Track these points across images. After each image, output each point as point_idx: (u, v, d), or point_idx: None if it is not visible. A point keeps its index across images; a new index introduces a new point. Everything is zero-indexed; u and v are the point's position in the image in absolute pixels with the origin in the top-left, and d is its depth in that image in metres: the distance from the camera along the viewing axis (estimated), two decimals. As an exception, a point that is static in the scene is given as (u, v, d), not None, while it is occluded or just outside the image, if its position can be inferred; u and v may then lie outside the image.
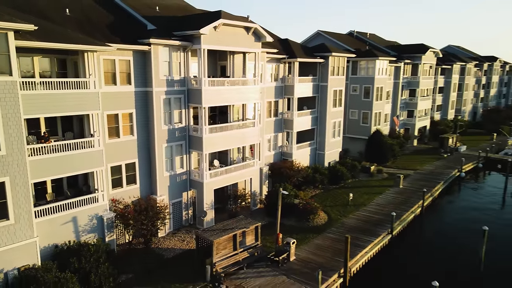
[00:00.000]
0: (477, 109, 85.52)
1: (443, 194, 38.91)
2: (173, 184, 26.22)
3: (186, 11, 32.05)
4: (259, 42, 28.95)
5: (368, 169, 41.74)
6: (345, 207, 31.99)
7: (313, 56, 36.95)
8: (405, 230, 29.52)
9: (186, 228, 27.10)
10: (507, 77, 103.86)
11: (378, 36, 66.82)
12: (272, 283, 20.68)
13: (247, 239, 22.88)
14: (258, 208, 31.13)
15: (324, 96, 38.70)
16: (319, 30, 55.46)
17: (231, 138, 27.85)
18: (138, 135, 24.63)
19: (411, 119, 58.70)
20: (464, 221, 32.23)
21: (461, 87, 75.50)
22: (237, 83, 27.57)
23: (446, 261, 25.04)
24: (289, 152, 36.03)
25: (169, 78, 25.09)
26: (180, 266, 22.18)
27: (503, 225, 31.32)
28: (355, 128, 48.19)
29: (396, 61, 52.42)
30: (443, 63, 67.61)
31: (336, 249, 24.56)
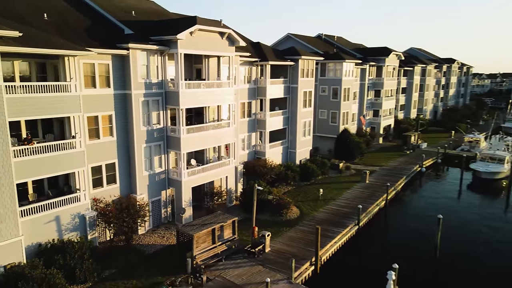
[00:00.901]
0: (438, 108, 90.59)
1: (406, 188, 41.82)
2: (152, 183, 27.20)
3: (161, 15, 32.99)
4: (233, 46, 30.37)
5: (337, 166, 44.08)
6: (316, 202, 33.98)
7: (284, 59, 38.78)
8: (370, 222, 31.83)
9: (165, 225, 28.14)
10: (465, 77, 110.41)
11: (345, 39, 69.80)
12: (249, 272, 22.21)
13: (225, 233, 24.28)
14: (234, 205, 32.56)
15: (294, 97, 40.63)
16: (289, 33, 57.51)
17: (208, 138, 29.14)
18: (117, 136, 25.46)
19: (376, 118, 61.89)
20: (423, 211, 34.99)
21: (423, 87, 79.98)
22: (212, 85, 28.88)
23: (407, 248, 27.47)
24: (262, 151, 37.68)
25: (147, 81, 26.07)
26: (161, 261, 23.27)
27: (458, 215, 34.32)
28: (324, 127, 50.54)
29: (362, 63, 55.26)
30: (405, 65, 71.47)
31: (308, 240, 26.38)
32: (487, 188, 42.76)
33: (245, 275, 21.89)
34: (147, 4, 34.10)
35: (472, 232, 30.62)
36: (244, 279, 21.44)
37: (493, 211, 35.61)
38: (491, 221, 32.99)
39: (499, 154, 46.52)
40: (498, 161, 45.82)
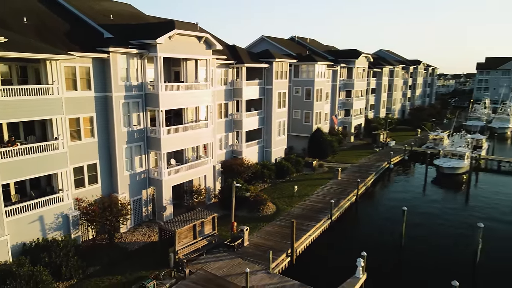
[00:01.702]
0: (405, 107, 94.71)
1: (375, 183, 44.22)
2: (133, 182, 27.97)
3: (138, 18, 33.68)
4: (210, 50, 31.52)
5: (311, 164, 45.97)
6: (291, 198, 35.63)
7: (259, 62, 40.25)
8: (342, 215, 33.76)
9: (146, 223, 28.96)
10: (430, 78, 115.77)
11: (317, 41, 72.12)
12: (229, 264, 23.48)
13: (205, 229, 25.45)
14: (212, 202, 33.71)
15: (269, 98, 42.17)
16: (263, 36, 59.09)
17: (187, 138, 30.16)
18: (98, 137, 26.09)
19: (348, 118, 64.48)
20: (391, 205, 37.30)
21: (391, 88, 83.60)
22: (191, 87, 29.92)
23: (375, 238, 29.51)
24: (239, 150, 38.99)
25: (127, 84, 26.84)
26: (144, 257, 24.16)
27: (422, 207, 36.83)
28: (298, 126, 52.39)
29: (333, 65, 57.58)
30: (374, 66, 74.65)
31: (284, 234, 27.91)
32: (449, 182, 45.77)
33: (225, 267, 23.16)
34: (124, 7, 34.65)
35: (434, 222, 33.07)
36: (225, 271, 22.71)
37: (454, 203, 38.39)
38: (452, 212, 35.64)
39: (460, 150, 49.78)
40: (459, 157, 49.04)
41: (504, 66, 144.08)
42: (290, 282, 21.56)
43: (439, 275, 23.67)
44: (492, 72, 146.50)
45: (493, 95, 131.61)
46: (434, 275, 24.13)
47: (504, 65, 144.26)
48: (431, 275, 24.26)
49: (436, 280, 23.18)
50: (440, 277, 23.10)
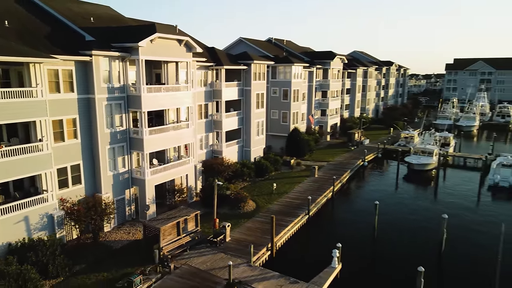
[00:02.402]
0: (379, 107, 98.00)
1: (350, 180, 46.19)
2: (116, 182, 28.56)
3: (118, 21, 34.18)
4: (190, 53, 32.42)
5: (289, 162, 47.49)
6: (270, 196, 36.96)
7: (238, 64, 41.38)
8: (319, 211, 35.36)
9: (130, 222, 29.59)
10: (402, 79, 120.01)
11: (293, 42, 73.91)
12: (212, 259, 24.53)
13: (188, 226, 26.39)
14: (194, 201, 34.61)
15: (248, 99, 43.38)
16: (241, 37, 60.22)
17: (169, 139, 30.97)
18: (82, 139, 26.58)
19: (324, 117, 66.51)
20: (365, 200, 39.24)
21: (365, 88, 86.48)
22: (172, 89, 30.75)
23: (350, 231, 31.20)
24: (219, 150, 40.00)
25: (110, 86, 27.42)
26: (129, 255, 24.86)
27: (394, 201, 38.94)
28: (276, 126, 53.84)
29: (309, 66, 59.36)
30: (349, 67, 77.16)
31: (264, 229, 29.18)
32: (419, 178, 48.28)
33: (209, 261, 24.20)
34: (104, 10, 35.04)
35: (405, 215, 35.12)
36: (208, 265, 23.75)
37: (423, 197, 40.71)
38: (421, 205, 37.86)
39: (429, 148, 52.49)
40: (428, 154, 51.74)
41: (471, 67, 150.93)
42: (271, 273, 22.83)
43: (408, 263, 25.44)
44: (460, 72, 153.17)
45: (461, 95, 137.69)
46: (403, 263, 25.93)
47: (470, 66, 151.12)
48: (400, 263, 26.07)
49: (405, 268, 24.95)
50: (409, 265, 24.86)
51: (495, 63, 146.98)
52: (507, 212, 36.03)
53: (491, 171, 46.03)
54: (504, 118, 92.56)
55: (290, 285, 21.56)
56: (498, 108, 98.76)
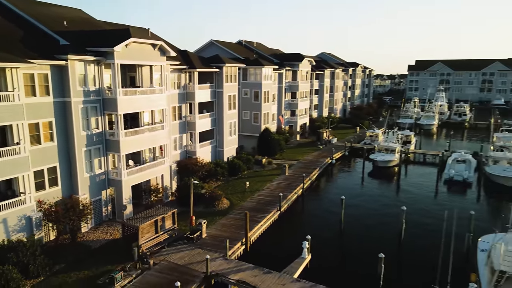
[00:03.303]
0: (346, 107, 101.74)
1: (319, 177, 48.48)
2: (93, 183, 29.15)
3: (91, 24, 34.61)
4: (164, 56, 33.37)
5: (260, 161, 49.19)
6: (243, 194, 38.49)
7: (210, 66, 42.61)
8: (290, 207, 37.24)
9: (106, 222, 30.23)
10: (367, 79, 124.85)
11: (263, 45, 75.79)
12: (190, 254, 25.77)
13: (166, 223, 27.47)
14: (170, 200, 35.58)
15: (220, 100, 44.69)
16: (212, 40, 61.37)
17: (144, 140, 31.82)
18: (58, 141, 27.03)
19: (293, 117, 68.76)
20: (333, 196, 41.52)
21: (332, 89, 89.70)
22: (147, 92, 31.62)
23: (319, 224, 33.26)
24: (193, 150, 41.09)
25: (85, 89, 28.00)
26: (108, 253, 25.65)
27: (360, 196, 41.48)
28: (248, 127, 55.42)
29: (279, 68, 61.35)
30: (317, 69, 79.92)
31: (238, 225, 30.66)
32: (383, 174, 51.31)
33: (186, 257, 25.42)
34: (76, 13, 35.31)
35: (369, 208, 37.65)
36: (186, 260, 24.97)
37: (386, 192, 43.56)
38: (384, 199, 40.60)
39: (392, 145, 55.71)
40: (391, 151, 54.94)
41: (431, 68, 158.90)
42: (246, 265, 24.35)
43: (371, 252, 27.60)
44: (421, 73, 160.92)
45: (422, 95, 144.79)
46: (367, 252, 28.11)
47: (431, 67, 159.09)
48: (364, 252, 28.27)
49: (368, 256, 27.10)
50: (372, 253, 27.03)
51: (453, 65, 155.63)
52: (459, 203, 39.32)
53: (447, 166, 49.72)
54: (460, 116, 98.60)
55: (263, 275, 23.17)
56: (455, 107, 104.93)
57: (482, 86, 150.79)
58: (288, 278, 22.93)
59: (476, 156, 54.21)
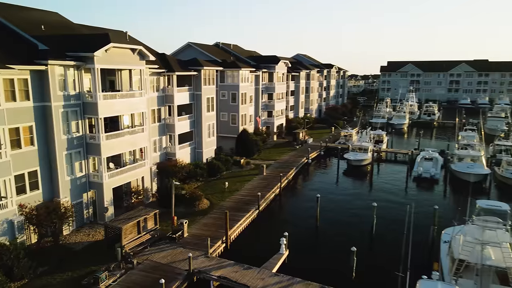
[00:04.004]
0: (321, 107, 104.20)
1: (296, 177, 50.09)
2: (74, 186, 29.51)
3: (69, 28, 34.81)
4: (144, 60, 34.00)
5: (239, 162, 50.33)
6: (223, 194, 39.54)
7: (188, 70, 43.40)
8: (268, 206, 38.59)
9: (88, 225, 30.62)
10: (342, 80, 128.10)
11: (240, 47, 76.92)
12: (172, 253, 26.64)
13: (148, 224, 28.21)
14: (151, 201, 36.20)
15: (199, 103, 45.54)
16: (189, 42, 62.00)
17: (125, 143, 32.37)
18: (38, 145, 27.29)
19: (270, 118, 70.25)
20: (309, 194, 43.14)
21: (308, 90, 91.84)
22: (127, 96, 32.19)
23: (296, 221, 34.74)
24: (172, 152, 41.78)
25: (66, 93, 28.36)
26: (91, 255, 26.17)
27: (335, 194, 43.31)
28: (226, 128, 56.46)
29: (255, 70, 62.66)
30: (293, 70, 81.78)
31: (219, 224, 31.71)
32: (357, 173, 53.48)
33: (169, 256, 26.28)
34: (53, 17, 35.38)
35: (343, 205, 39.47)
36: (169, 259, 25.84)
37: (360, 189, 45.62)
38: (357, 196, 42.58)
39: (365, 145, 58.05)
40: (364, 150, 57.26)
41: (402, 69, 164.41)
42: (227, 262, 25.47)
43: (345, 246, 29.25)
44: (393, 74, 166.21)
45: (394, 95, 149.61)
46: (340, 246, 29.71)
47: (402, 68, 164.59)
48: (338, 246, 29.87)
49: (342, 249, 28.72)
50: (345, 247, 28.69)
51: (423, 66, 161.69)
52: (427, 198, 41.74)
53: (416, 164, 52.41)
54: (429, 116, 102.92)
55: (244, 270, 24.36)
56: (424, 107, 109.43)
57: (450, 86, 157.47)
58: (267, 272, 24.22)
59: (443, 154, 57.24)
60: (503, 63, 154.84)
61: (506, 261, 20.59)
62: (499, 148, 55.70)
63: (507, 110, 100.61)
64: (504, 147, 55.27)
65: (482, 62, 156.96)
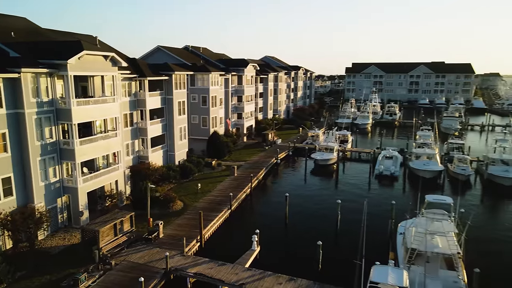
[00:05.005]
0: (289, 108, 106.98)
1: (266, 176, 52.06)
2: (48, 192, 29.90)
3: (38, 33, 35.02)
4: (116, 67, 34.71)
5: (210, 163, 51.66)
6: (196, 195, 40.81)
7: (160, 74, 44.28)
8: (240, 205, 40.24)
9: (63, 229, 31.07)
10: (309, 81, 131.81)
11: (209, 50, 78.06)
12: (149, 254, 27.76)
13: (124, 226, 29.14)
14: (125, 204, 36.93)
15: (170, 106, 46.50)
16: (159, 46, 62.50)
17: (98, 148, 33.01)
18: (12, 152, 27.56)
19: (240, 120, 71.92)
20: (278, 193, 45.15)
21: (276, 91, 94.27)
22: (100, 101, 32.83)
23: (266, 219, 36.62)
24: (145, 155, 42.55)
25: (39, 100, 28.74)
26: (69, 258, 26.82)
27: (303, 192, 45.60)
28: (197, 130, 57.58)
29: (225, 73, 64.10)
30: (261, 73, 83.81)
31: (193, 224, 33.03)
32: (324, 171, 56.18)
33: (146, 256, 27.39)
34: (22, 22, 35.40)
35: (311, 202, 41.82)
36: (146, 259, 26.96)
37: (326, 187, 48.22)
38: (324, 194, 45.09)
39: (330, 145, 60.94)
40: (330, 150, 60.12)
41: (366, 71, 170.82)
42: (202, 260, 26.93)
43: (311, 240, 31.43)
44: (358, 75, 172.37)
45: (358, 95, 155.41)
46: (308, 240, 31.84)
47: (366, 69, 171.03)
48: (305, 241, 31.99)
49: (309, 244, 30.82)
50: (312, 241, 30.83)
51: (385, 68, 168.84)
52: (387, 194, 44.87)
53: (378, 162, 55.80)
54: (391, 116, 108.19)
55: (218, 267, 25.92)
56: (387, 107, 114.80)
57: (410, 87, 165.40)
58: (240, 268, 25.90)
59: (402, 152, 61.10)
60: (458, 65, 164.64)
61: (451, 248, 23.37)
62: (452, 146, 60.23)
63: (461, 110, 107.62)
64: (456, 145, 59.86)
65: (439, 64, 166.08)
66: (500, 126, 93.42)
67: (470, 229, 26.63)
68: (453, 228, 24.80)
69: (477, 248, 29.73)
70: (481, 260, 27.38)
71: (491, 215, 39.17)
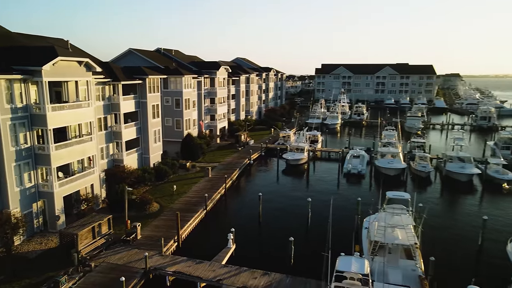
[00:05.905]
0: (261, 109, 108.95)
1: (239, 177, 53.51)
2: (23, 197, 30.06)
3: (9, 38, 34.84)
4: (90, 72, 35.12)
5: (185, 165, 52.54)
6: (171, 196, 41.70)
7: (133, 78, 44.77)
8: (215, 206, 41.51)
9: (39, 234, 31.27)
10: (280, 82, 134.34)
11: (181, 52, 78.61)
12: (128, 255, 28.59)
13: (102, 229, 29.79)
14: (101, 207, 37.34)
15: (144, 110, 47.06)
16: (130, 48, 62.59)
17: (74, 152, 33.36)
18: (-13, 158, 27.62)
19: (213, 122, 72.99)
20: (252, 192, 46.78)
21: (248, 93, 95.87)
22: (75, 106, 33.19)
23: (241, 218, 38.12)
24: (120, 159, 42.97)
25: (13, 106, 28.89)
26: (47, 261, 27.24)
27: (275, 192, 47.41)
28: (171, 133, 58.21)
29: (197, 76, 65.00)
30: (233, 75, 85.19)
31: (169, 225, 34.02)
32: (295, 171, 58.29)
33: (125, 257, 28.22)
34: (-9, 26, 35.05)
35: (283, 201, 43.65)
36: (125, 259, 27.80)
37: (298, 186, 50.25)
38: (295, 193, 47.06)
39: (301, 145, 63.17)
40: (301, 150, 62.36)
41: (335, 72, 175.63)
42: (180, 258, 28.07)
43: (284, 237, 33.18)
44: (327, 76, 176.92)
45: (328, 96, 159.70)
46: (280, 237, 33.57)
47: (335, 70, 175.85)
48: (278, 237, 33.71)
49: (282, 240, 32.58)
50: (284, 238, 32.60)
51: (353, 69, 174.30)
52: (355, 191, 47.46)
53: (346, 161, 58.53)
54: (359, 116, 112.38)
55: (196, 264, 27.17)
56: (355, 107, 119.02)
57: (376, 88, 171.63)
58: (217, 265, 27.27)
59: (369, 151, 64.26)
60: (421, 66, 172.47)
61: (409, 239, 25.74)
62: (414, 144, 63.98)
63: (423, 110, 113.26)
64: (418, 144, 63.65)
65: (403, 66, 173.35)
66: (459, 125, 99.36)
67: (426, 222, 29.27)
68: (411, 221, 27.25)
69: (433, 238, 32.55)
70: (436, 249, 30.13)
71: (448, 209, 42.44)
